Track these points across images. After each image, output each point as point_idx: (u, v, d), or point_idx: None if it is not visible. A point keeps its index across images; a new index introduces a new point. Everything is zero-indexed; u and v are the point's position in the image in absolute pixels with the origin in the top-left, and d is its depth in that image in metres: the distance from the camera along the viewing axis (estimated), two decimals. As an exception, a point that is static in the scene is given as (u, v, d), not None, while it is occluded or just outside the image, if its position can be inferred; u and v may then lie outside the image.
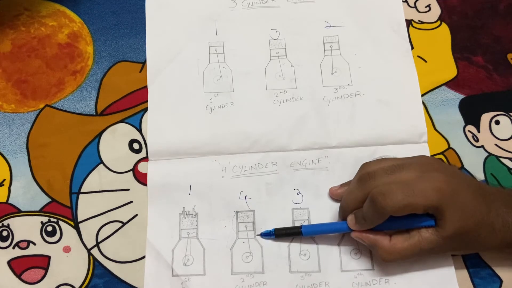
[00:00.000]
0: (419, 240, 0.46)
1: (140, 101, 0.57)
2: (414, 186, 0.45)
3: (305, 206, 0.53)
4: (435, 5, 0.61)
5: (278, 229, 0.51)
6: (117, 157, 0.55)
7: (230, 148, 0.55)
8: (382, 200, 0.44)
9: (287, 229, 0.51)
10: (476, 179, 0.52)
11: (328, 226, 0.51)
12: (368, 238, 0.48)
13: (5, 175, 0.55)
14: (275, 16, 0.60)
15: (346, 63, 0.58)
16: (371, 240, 0.47)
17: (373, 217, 0.46)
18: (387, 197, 0.44)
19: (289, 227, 0.51)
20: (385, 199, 0.44)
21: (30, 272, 0.52)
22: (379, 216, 0.45)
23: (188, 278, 0.51)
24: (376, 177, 0.47)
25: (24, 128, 0.56)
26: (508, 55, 0.58)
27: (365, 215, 0.46)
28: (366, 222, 0.47)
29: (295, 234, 0.51)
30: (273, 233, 0.51)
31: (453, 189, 0.45)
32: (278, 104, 0.56)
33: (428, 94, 0.57)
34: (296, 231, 0.51)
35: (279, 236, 0.51)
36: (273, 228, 0.51)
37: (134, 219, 0.53)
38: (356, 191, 0.48)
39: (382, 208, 0.44)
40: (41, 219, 0.53)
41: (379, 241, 0.47)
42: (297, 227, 0.51)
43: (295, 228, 0.51)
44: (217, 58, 0.59)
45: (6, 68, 0.59)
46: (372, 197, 0.45)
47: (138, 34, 0.60)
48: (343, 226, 0.49)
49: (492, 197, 0.46)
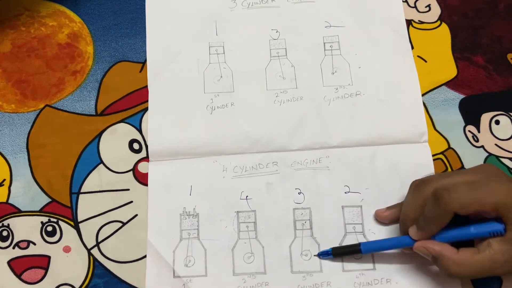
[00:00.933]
0: (490, 253, 0.42)
1: (140, 101, 0.57)
2: (481, 183, 0.42)
3: (306, 206, 0.53)
4: (435, 5, 0.61)
5: (336, 248, 0.50)
6: (117, 157, 0.55)
7: (230, 148, 0.55)
8: (446, 195, 0.42)
9: (345, 247, 0.50)
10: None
11: (388, 241, 0.49)
12: (432, 249, 0.44)
13: (5, 175, 0.55)
14: (275, 16, 0.60)
15: (347, 63, 0.58)
16: (436, 250, 0.44)
17: (437, 216, 0.43)
18: (452, 192, 0.42)
19: (347, 246, 0.50)
20: (449, 193, 0.42)
21: (30, 272, 0.52)
22: (443, 215, 0.42)
23: (190, 280, 0.51)
24: (433, 181, 0.45)
25: (24, 128, 0.56)
26: (508, 55, 0.59)
27: (427, 217, 0.44)
28: (429, 225, 0.44)
29: (353, 252, 0.50)
30: (330, 253, 0.50)
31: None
32: (278, 104, 0.56)
33: (428, 94, 0.57)
34: (354, 249, 0.49)
35: (337, 255, 0.50)
36: (330, 248, 0.50)
37: (134, 219, 0.53)
38: (414, 200, 0.46)
39: (447, 204, 0.42)
40: (41, 219, 0.53)
41: (445, 251, 0.44)
42: (355, 245, 0.49)
43: (353, 246, 0.49)
44: (217, 58, 0.59)
45: (6, 68, 0.58)
46: (435, 194, 0.42)
47: (138, 34, 0.60)
48: (404, 240, 0.47)
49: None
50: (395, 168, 0.54)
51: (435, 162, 0.54)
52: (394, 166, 0.54)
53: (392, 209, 0.51)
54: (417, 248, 0.45)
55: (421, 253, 0.45)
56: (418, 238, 0.45)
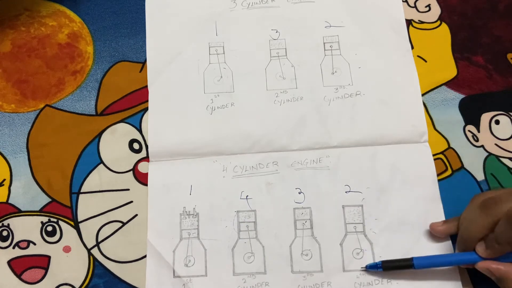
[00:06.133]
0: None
1: (140, 101, 0.57)
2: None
3: (307, 206, 0.53)
4: (435, 5, 0.61)
5: (386, 261, 0.49)
6: (117, 157, 0.55)
7: (231, 148, 0.55)
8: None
9: (396, 261, 0.49)
10: None
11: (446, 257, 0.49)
12: (498, 270, 0.44)
13: (5, 175, 0.55)
14: (275, 16, 0.60)
15: (346, 63, 0.58)
16: (501, 271, 0.44)
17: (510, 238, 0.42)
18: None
19: (398, 259, 0.49)
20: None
21: (30, 272, 0.52)
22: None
23: (190, 279, 0.51)
24: (505, 200, 0.44)
25: (24, 128, 0.56)
26: (508, 55, 0.59)
27: (498, 237, 0.43)
28: (501, 246, 0.43)
29: (405, 267, 0.49)
30: (380, 266, 0.49)
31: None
32: (278, 104, 0.56)
33: (428, 94, 0.57)
34: (406, 264, 0.48)
35: (387, 269, 0.49)
36: (380, 261, 0.50)
37: (134, 219, 0.53)
38: (481, 219, 0.45)
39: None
40: (41, 219, 0.53)
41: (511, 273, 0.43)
42: (408, 259, 0.48)
43: (406, 261, 0.48)
44: (217, 59, 0.59)
45: (6, 68, 0.58)
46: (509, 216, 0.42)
47: (138, 34, 0.60)
48: (467, 257, 0.46)
49: None
50: (395, 167, 0.54)
51: (435, 162, 0.54)
52: (394, 166, 0.54)
53: (450, 224, 0.50)
54: (481, 267, 0.45)
55: (485, 272, 0.45)
56: (486, 257, 0.45)
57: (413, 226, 0.52)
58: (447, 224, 0.50)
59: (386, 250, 0.51)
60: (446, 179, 0.54)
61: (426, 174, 0.53)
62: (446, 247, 0.51)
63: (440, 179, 0.54)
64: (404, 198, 0.53)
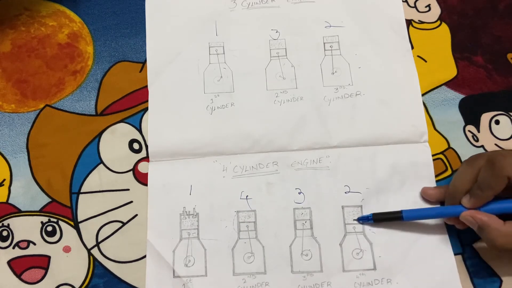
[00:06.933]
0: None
1: (140, 101, 0.57)
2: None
3: (306, 206, 0.53)
4: (435, 5, 0.61)
5: (377, 213, 0.51)
6: (117, 157, 0.55)
7: (231, 148, 0.55)
8: (502, 159, 0.43)
9: (385, 213, 0.51)
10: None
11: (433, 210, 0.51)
12: (479, 218, 0.45)
13: (5, 175, 0.55)
14: (275, 16, 0.60)
15: (347, 63, 0.58)
16: (483, 220, 0.45)
17: (491, 181, 0.44)
18: (507, 157, 0.43)
19: (388, 212, 0.51)
20: (505, 158, 0.43)
21: (30, 272, 0.52)
22: (498, 179, 0.43)
23: (190, 279, 0.51)
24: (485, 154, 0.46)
25: (24, 128, 0.56)
26: (508, 55, 0.59)
27: (481, 183, 0.45)
28: (483, 191, 0.45)
29: (394, 219, 0.51)
30: (371, 218, 0.51)
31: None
32: (278, 104, 0.56)
33: (428, 94, 0.57)
34: (396, 216, 0.50)
35: (377, 221, 0.51)
36: (371, 213, 0.51)
37: (134, 219, 0.53)
38: (467, 171, 0.47)
39: (502, 168, 0.43)
40: (41, 219, 0.53)
41: (492, 222, 0.44)
42: (397, 212, 0.50)
43: (395, 213, 0.51)
44: (217, 59, 0.59)
45: (6, 68, 0.58)
46: (490, 160, 0.43)
47: (138, 34, 0.60)
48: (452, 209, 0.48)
49: None
50: (395, 168, 0.54)
51: (435, 162, 0.54)
52: (394, 166, 0.54)
53: (441, 189, 0.51)
54: (464, 217, 0.46)
55: (467, 222, 0.46)
56: (471, 206, 0.46)
57: (412, 226, 0.52)
58: (438, 189, 0.51)
59: (385, 250, 0.51)
60: (446, 179, 0.54)
61: (426, 174, 0.53)
62: (444, 244, 0.51)
63: (440, 179, 0.54)
64: (404, 198, 0.53)
